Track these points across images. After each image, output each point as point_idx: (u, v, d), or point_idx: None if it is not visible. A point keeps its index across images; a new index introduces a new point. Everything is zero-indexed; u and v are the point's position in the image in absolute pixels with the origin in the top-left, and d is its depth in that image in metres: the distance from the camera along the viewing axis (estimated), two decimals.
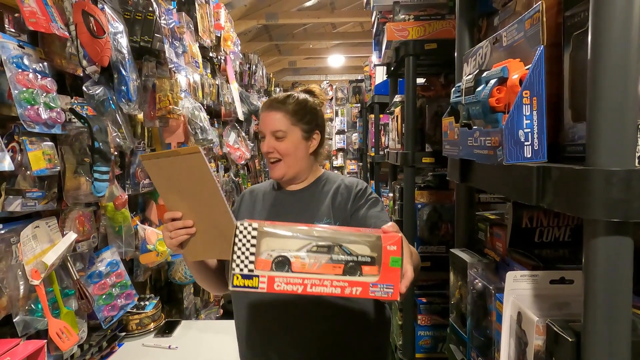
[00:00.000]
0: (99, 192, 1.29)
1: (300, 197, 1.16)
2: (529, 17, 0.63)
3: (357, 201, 1.12)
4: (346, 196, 1.13)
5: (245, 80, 4.23)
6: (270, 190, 1.22)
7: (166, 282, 2.17)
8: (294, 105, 1.14)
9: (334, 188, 1.15)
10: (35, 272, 1.09)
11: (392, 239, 0.71)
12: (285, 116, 1.12)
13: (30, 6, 1.03)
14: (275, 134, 1.11)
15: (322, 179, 1.19)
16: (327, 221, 1.09)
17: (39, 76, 1.11)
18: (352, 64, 8.22)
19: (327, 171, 1.25)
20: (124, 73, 1.43)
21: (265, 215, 1.16)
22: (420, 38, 1.69)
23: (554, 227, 0.81)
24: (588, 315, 0.50)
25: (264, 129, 1.14)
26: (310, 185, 1.18)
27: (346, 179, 1.19)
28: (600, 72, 0.48)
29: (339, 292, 0.69)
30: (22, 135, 1.06)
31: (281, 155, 1.12)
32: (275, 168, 1.13)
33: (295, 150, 1.12)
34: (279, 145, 1.11)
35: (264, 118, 1.14)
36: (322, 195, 1.15)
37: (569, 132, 0.63)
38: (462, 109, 0.78)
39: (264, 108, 1.16)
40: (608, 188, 0.46)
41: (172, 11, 1.87)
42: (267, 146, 1.12)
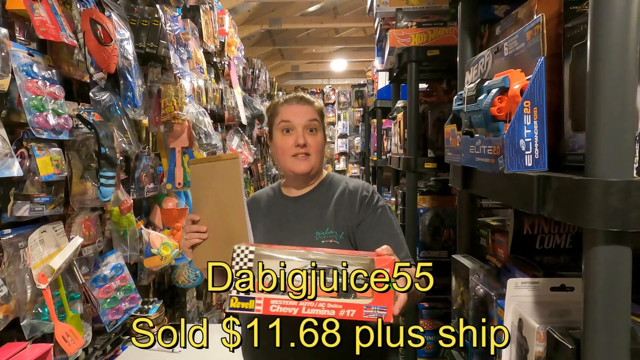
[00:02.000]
0: (105, 197, 1.31)
1: (302, 203, 1.14)
2: (530, 29, 0.64)
3: (364, 211, 1.08)
4: (350, 203, 1.09)
5: (249, 84, 4.25)
6: (273, 197, 1.20)
7: (169, 286, 2.18)
8: (319, 106, 1.16)
9: (338, 193, 1.12)
10: (43, 276, 1.10)
11: (384, 262, 0.73)
12: (316, 112, 1.13)
13: (41, 15, 1.05)
14: (311, 125, 1.10)
15: (326, 181, 1.17)
16: (330, 232, 1.06)
17: (47, 83, 1.13)
18: (355, 68, 8.25)
19: (331, 172, 1.22)
20: (130, 79, 1.45)
21: (269, 224, 1.14)
22: (423, 44, 1.70)
23: (555, 234, 0.82)
24: (588, 323, 0.51)
25: (295, 120, 1.09)
26: (314, 190, 1.15)
27: (351, 183, 1.16)
28: (598, 84, 0.49)
29: (334, 314, 0.71)
30: (30, 141, 1.08)
31: (312, 150, 1.10)
32: (303, 162, 1.09)
33: (322, 147, 1.13)
34: (312, 139, 1.10)
35: (295, 110, 1.11)
36: (325, 201, 1.12)
37: (569, 141, 0.64)
38: (464, 117, 0.79)
39: (291, 101, 1.13)
40: (607, 198, 0.47)
41: (177, 18, 1.90)
42: (302, 138, 1.08)
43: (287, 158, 1.11)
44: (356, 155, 6.67)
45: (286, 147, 1.10)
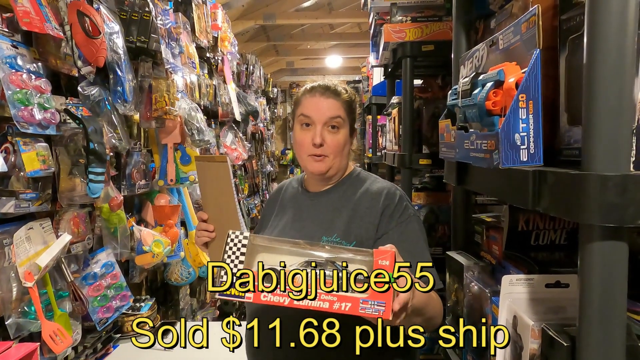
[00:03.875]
0: (94, 194, 1.28)
1: (318, 202, 1.06)
2: (525, 21, 0.63)
3: (386, 224, 0.95)
4: (370, 211, 0.97)
5: (243, 80, 4.22)
6: (296, 189, 1.13)
7: (162, 283, 2.16)
8: (348, 98, 1.03)
9: (358, 196, 1.01)
10: (29, 274, 1.08)
11: (384, 253, 0.68)
12: (342, 106, 1.01)
13: (24, 6, 1.02)
14: (332, 122, 0.99)
15: (348, 180, 1.06)
16: (337, 239, 0.97)
17: (32, 76, 1.10)
18: (350, 65, 8.23)
19: (358, 169, 1.11)
20: (120, 74, 1.42)
21: (286, 219, 1.09)
22: (418, 39, 1.69)
23: (550, 230, 0.82)
24: (583, 320, 0.50)
25: (315, 116, 0.99)
26: (332, 188, 1.06)
27: (375, 185, 1.02)
28: (595, 76, 0.48)
29: (327, 307, 0.66)
30: (15, 136, 1.05)
31: (330, 151, 0.99)
32: (318, 163, 1.00)
33: (343, 146, 1.02)
34: (331, 138, 0.99)
35: (317, 103, 1.00)
36: (341, 204, 1.02)
37: (565, 135, 0.63)
38: (459, 112, 0.78)
39: (314, 92, 1.02)
40: (603, 193, 0.46)
41: (169, 11, 1.86)
42: (319, 137, 0.97)
43: (303, 155, 1.03)
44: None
45: (304, 143, 1.01)
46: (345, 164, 1.07)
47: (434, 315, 0.86)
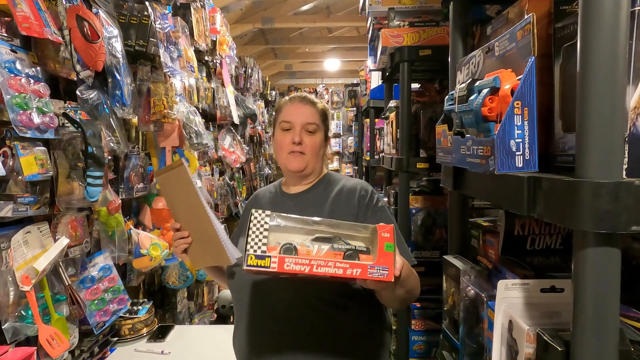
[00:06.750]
0: (92, 197, 1.28)
1: (299, 201, 1.15)
2: (521, 29, 0.63)
3: (363, 213, 1.09)
4: (348, 204, 1.10)
5: (241, 83, 4.23)
6: (274, 193, 1.22)
7: (160, 287, 2.16)
8: (322, 108, 1.19)
9: (334, 192, 1.13)
10: (26, 278, 1.08)
11: (385, 227, 0.82)
12: (317, 114, 1.16)
13: (23, 11, 1.02)
14: (309, 127, 1.13)
15: (324, 181, 1.19)
16: None
17: (31, 81, 1.10)
18: (348, 68, 8.25)
19: (331, 172, 1.24)
20: (119, 77, 1.43)
21: None
22: (415, 44, 1.70)
23: (546, 234, 0.82)
24: (577, 325, 0.51)
25: (295, 120, 1.13)
26: (311, 188, 1.17)
27: (349, 182, 1.17)
28: (588, 84, 0.49)
29: (341, 273, 0.78)
30: (14, 140, 1.05)
31: (307, 150, 1.13)
32: (297, 160, 1.13)
33: (319, 148, 1.16)
34: (309, 139, 1.13)
35: (296, 109, 1.15)
36: (321, 201, 1.13)
37: (560, 142, 0.63)
38: (456, 117, 0.78)
39: (293, 100, 1.17)
40: (597, 200, 0.47)
41: (167, 15, 1.87)
42: (298, 136, 1.12)
43: (283, 154, 1.15)
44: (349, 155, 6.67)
45: (283, 143, 1.14)
46: (321, 166, 1.20)
47: (414, 287, 1.01)
